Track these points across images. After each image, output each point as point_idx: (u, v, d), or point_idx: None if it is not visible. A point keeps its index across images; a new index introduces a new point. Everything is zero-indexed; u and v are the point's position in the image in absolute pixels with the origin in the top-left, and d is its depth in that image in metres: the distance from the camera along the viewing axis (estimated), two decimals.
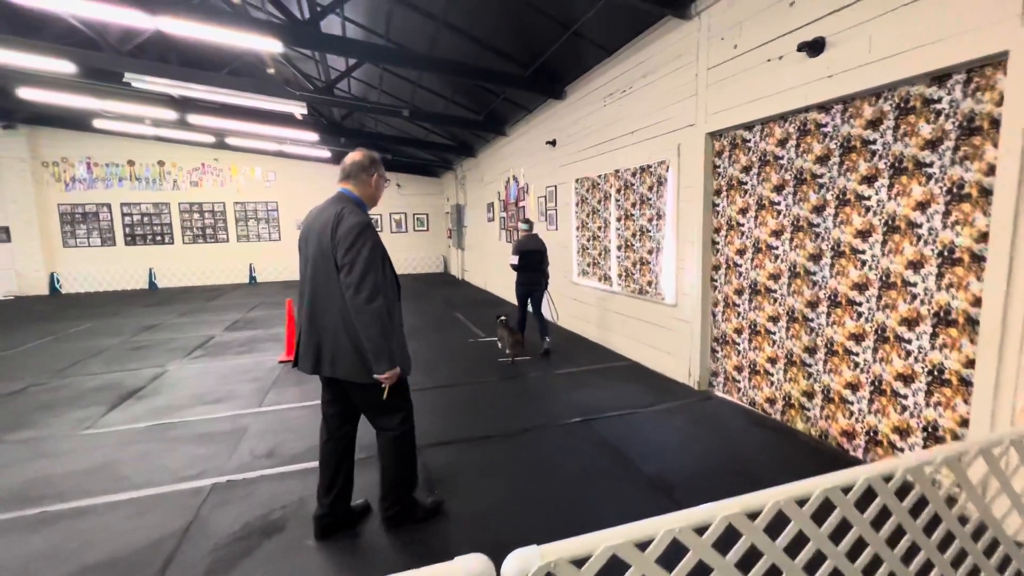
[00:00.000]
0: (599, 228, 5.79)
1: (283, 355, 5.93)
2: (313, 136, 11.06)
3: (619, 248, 5.37)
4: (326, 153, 14.52)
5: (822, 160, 3.26)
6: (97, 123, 10.87)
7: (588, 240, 6.07)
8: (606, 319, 5.75)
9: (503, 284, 10.24)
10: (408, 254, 17.10)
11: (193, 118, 9.76)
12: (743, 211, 3.91)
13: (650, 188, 4.87)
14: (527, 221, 7.05)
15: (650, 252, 4.93)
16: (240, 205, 15.33)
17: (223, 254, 15.19)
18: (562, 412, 4.09)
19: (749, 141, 3.79)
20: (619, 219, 5.40)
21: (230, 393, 4.70)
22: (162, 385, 4.89)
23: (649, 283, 4.97)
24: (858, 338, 3.13)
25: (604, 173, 5.52)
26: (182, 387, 4.83)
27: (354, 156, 2.73)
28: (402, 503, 2.69)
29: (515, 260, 6.42)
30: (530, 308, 6.02)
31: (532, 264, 6.48)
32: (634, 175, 5.08)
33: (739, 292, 3.96)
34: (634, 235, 5.08)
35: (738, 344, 4.02)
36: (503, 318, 6.28)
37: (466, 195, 13.49)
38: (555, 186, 6.84)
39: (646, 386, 4.58)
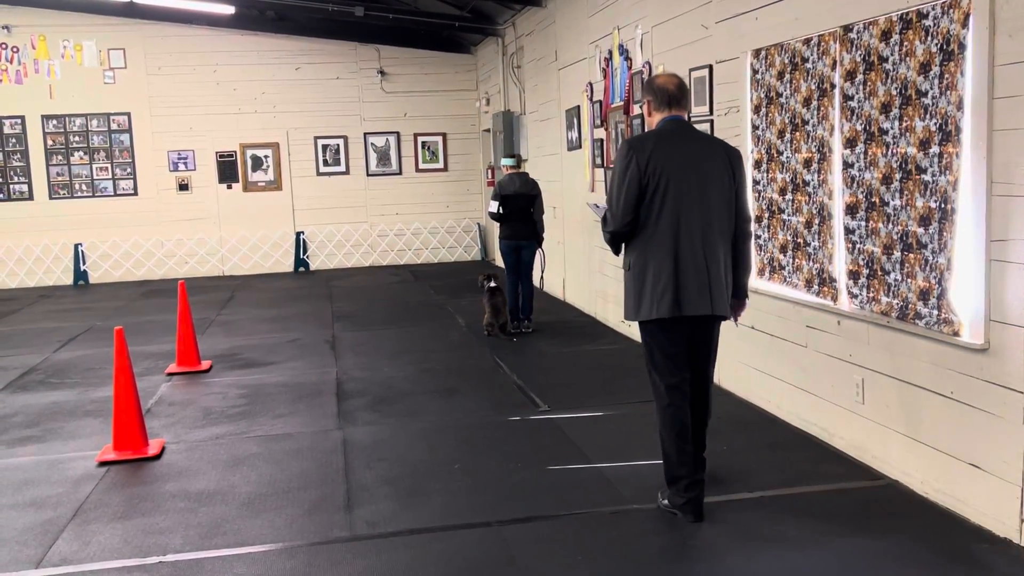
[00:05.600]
0: (805, 164, 5.79)
1: (108, 447, 6.07)
2: None
3: (851, 210, 5.29)
4: (227, 7, 14.91)
5: None
6: None
7: (780, 192, 6.15)
8: (820, 375, 5.80)
9: (608, 289, 10.29)
10: (403, 222, 17.42)
11: None
12: None
13: (923, 68, 4.56)
14: (513, 155, 10.23)
15: (923, 220, 4.65)
16: (56, 121, 16.05)
17: (22, 224, 15.96)
18: None
19: None
20: (851, 142, 5.24)
21: None
22: None
23: (922, 294, 4.70)
24: None
25: (818, 34, 5.54)
26: None
27: (676, 80, 4.76)
28: None
29: (494, 207, 9.65)
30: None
31: (518, 212, 9.57)
32: (885, 38, 4.84)
33: None
34: (886, 179, 4.94)
35: None
36: (493, 284, 9.47)
37: (523, 92, 13.74)
38: (709, 67, 7.11)
39: (913, 543, 4.32)
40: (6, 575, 4.33)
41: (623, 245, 4.69)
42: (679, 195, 4.46)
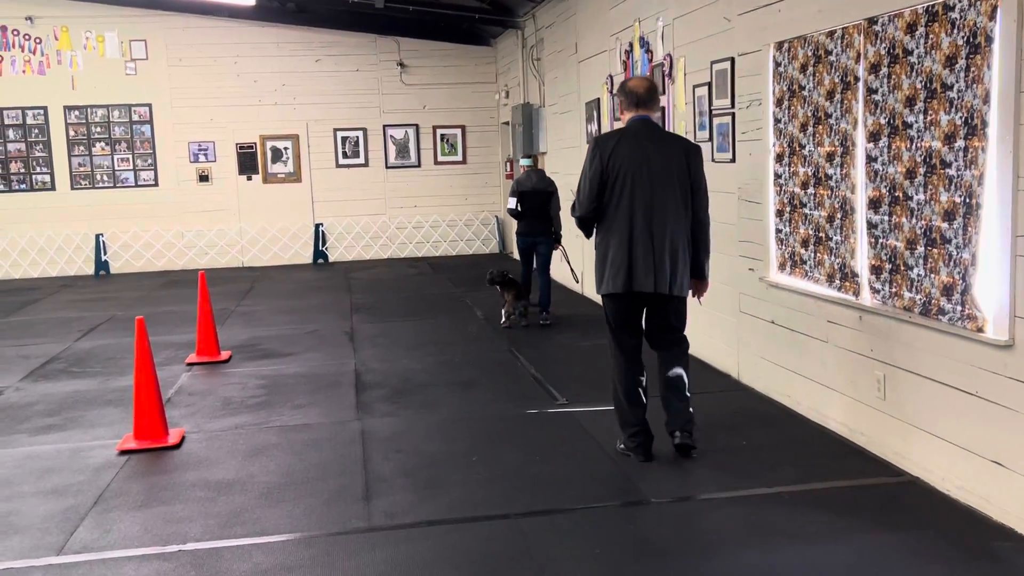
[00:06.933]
0: (828, 157, 5.77)
1: (129, 436, 6.10)
2: None
3: (874, 204, 5.27)
4: None
5: None
6: None
7: (802, 186, 6.11)
8: (841, 370, 5.76)
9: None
10: (422, 214, 17.39)
11: None
12: None
13: (948, 61, 4.52)
14: (530, 155, 10.75)
15: (948, 215, 4.61)
16: (78, 112, 16.16)
17: (44, 214, 16.08)
18: None
19: None
20: (874, 135, 5.20)
21: (5, 521, 4.90)
22: None
23: (946, 289, 4.66)
24: None
25: (842, 27, 5.50)
26: None
27: (646, 83, 5.43)
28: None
29: (512, 203, 10.06)
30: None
31: (535, 208, 9.88)
32: (910, 30, 4.81)
33: None
34: (910, 174, 4.90)
35: None
36: (510, 276, 9.90)
37: (543, 84, 13.71)
38: (731, 59, 7.07)
39: (934, 540, 4.29)
40: (28, 561, 4.36)
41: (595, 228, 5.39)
42: (635, 186, 5.13)
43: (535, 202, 9.80)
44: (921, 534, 4.34)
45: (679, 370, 5.39)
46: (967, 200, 4.44)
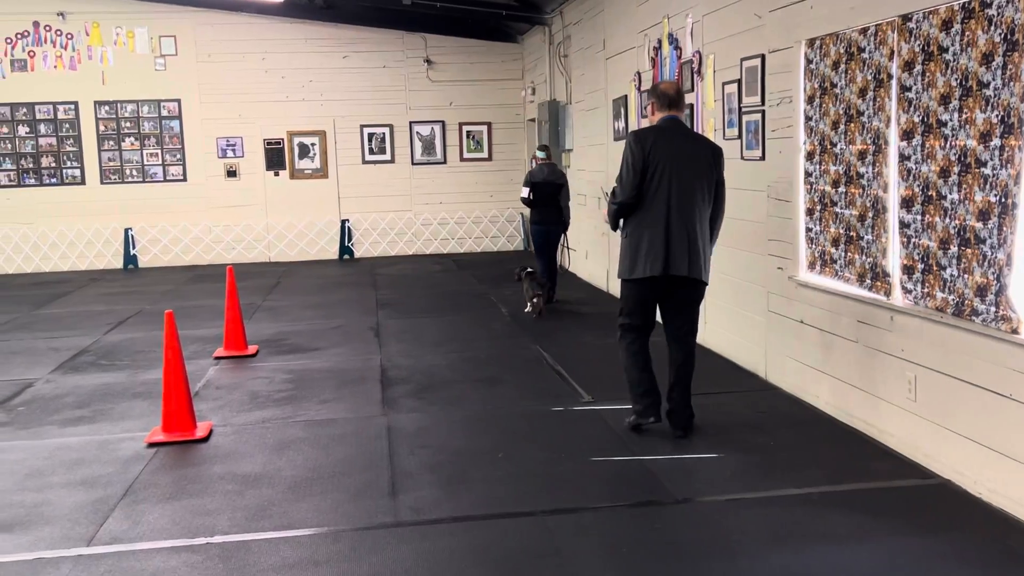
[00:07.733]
0: (860, 156, 5.72)
1: (157, 429, 6.15)
2: None
3: (906, 203, 5.22)
4: None
5: None
6: None
7: (832, 185, 6.09)
8: (871, 371, 5.72)
9: None
10: (447, 211, 17.41)
11: None
12: None
13: (985, 58, 4.45)
14: (544, 147, 11.53)
15: (982, 215, 4.56)
16: (108, 107, 16.30)
17: (74, 208, 16.25)
18: None
19: None
20: (908, 134, 5.15)
21: (36, 511, 4.97)
22: None
23: (979, 290, 4.61)
24: None
25: (876, 24, 5.46)
26: None
27: (675, 87, 5.95)
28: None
29: (525, 193, 10.94)
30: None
31: (546, 198, 10.73)
32: (945, 27, 4.76)
33: None
34: (944, 173, 4.86)
35: None
36: (529, 270, 10.48)
37: (570, 81, 13.65)
38: (762, 56, 7.05)
39: (965, 543, 4.25)
40: (59, 552, 4.40)
41: (621, 221, 5.77)
42: (671, 179, 5.53)
43: (546, 192, 10.60)
44: (952, 537, 4.30)
45: (689, 367, 5.82)
46: (1002, 200, 4.38)
